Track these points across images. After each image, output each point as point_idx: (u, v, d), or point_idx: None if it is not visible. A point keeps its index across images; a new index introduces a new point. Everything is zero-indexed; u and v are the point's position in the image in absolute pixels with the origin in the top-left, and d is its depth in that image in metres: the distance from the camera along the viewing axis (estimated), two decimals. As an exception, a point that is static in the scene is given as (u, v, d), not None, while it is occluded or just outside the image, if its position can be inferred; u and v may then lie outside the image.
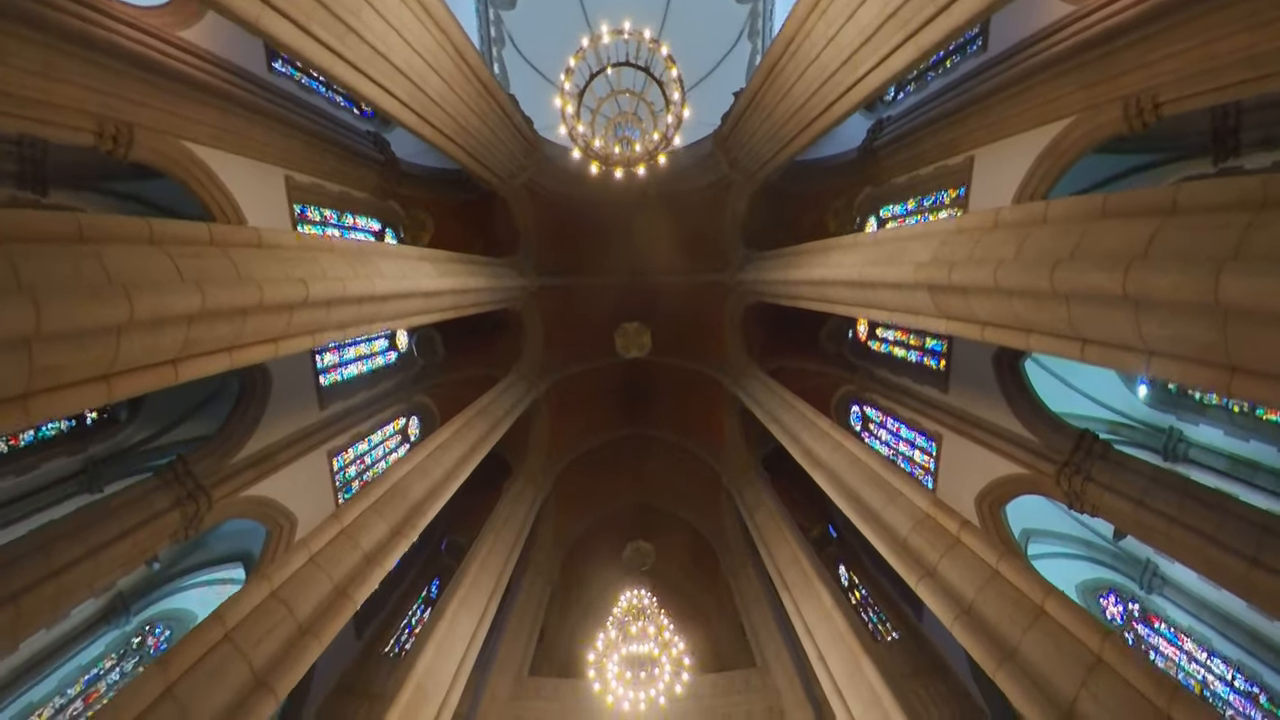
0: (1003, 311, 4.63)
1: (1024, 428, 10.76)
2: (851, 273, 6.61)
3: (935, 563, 5.58)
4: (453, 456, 8.79)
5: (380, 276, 6.37)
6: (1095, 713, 3.92)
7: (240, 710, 4.43)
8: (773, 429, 11.00)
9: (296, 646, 5.04)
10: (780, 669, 11.00)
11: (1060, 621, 4.52)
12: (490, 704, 10.33)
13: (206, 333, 4.57)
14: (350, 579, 5.86)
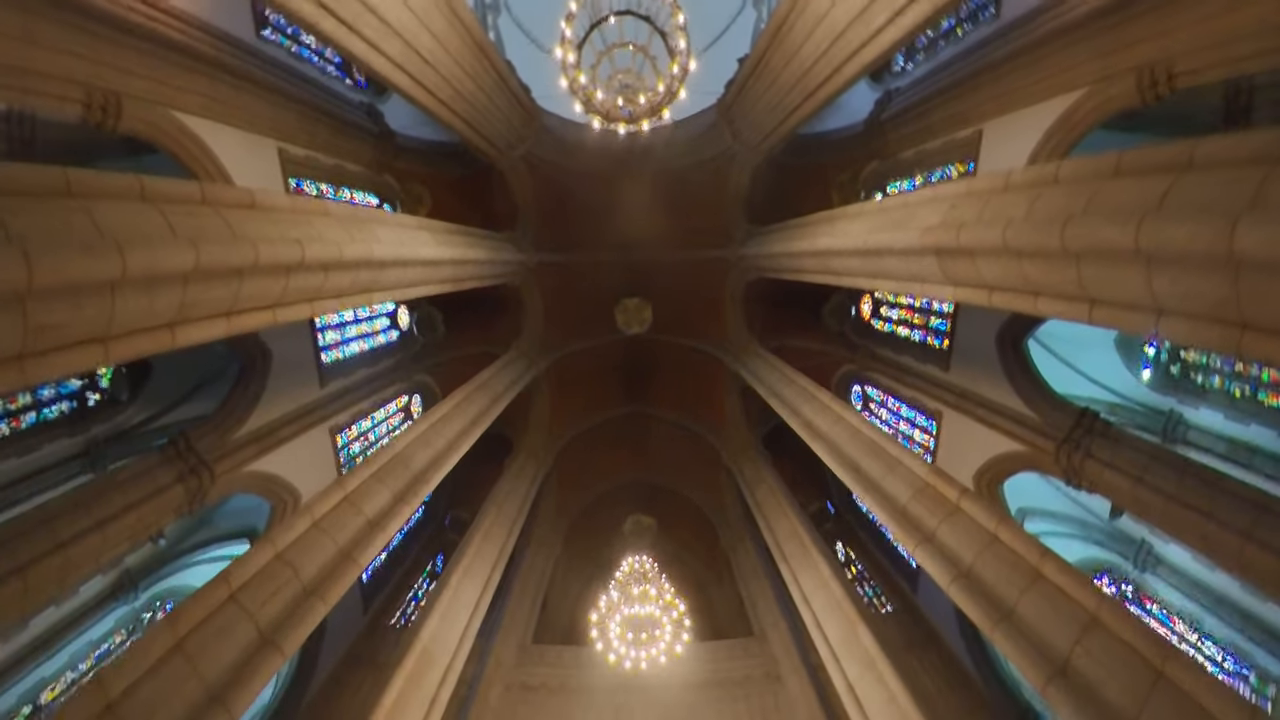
0: (1011, 274, 4.55)
1: (1025, 405, 10.79)
2: (857, 241, 6.50)
3: (934, 528, 5.62)
4: (454, 428, 8.82)
5: (377, 242, 6.28)
6: (1090, 669, 3.97)
7: (248, 666, 4.51)
8: (773, 404, 11.02)
9: (302, 607, 5.11)
10: (777, 637, 11.24)
11: (1057, 584, 4.56)
12: (495, 670, 10.58)
13: (202, 294, 4.50)
14: (354, 543, 5.92)
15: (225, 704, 4.24)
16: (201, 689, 4.24)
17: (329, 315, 13.39)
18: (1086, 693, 3.90)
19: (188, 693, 4.17)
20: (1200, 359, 11.28)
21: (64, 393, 9.90)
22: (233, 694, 4.32)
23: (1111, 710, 3.75)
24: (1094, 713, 3.79)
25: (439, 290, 9.03)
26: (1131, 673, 3.82)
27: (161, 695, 4.10)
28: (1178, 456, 9.34)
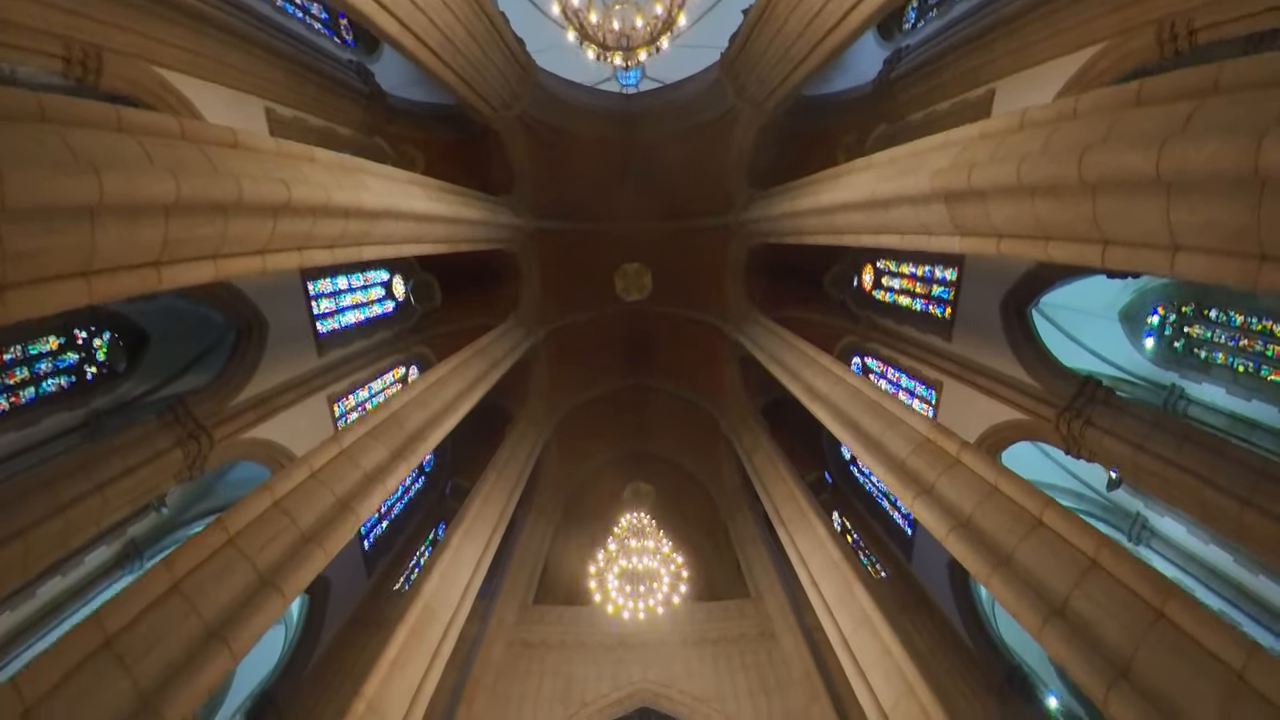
0: (1022, 217, 4.40)
1: (1027, 374, 10.73)
2: (864, 192, 6.31)
3: (933, 481, 5.60)
4: (451, 391, 8.77)
5: (366, 190, 6.10)
6: (1088, 610, 3.98)
7: (248, 606, 4.53)
8: (773, 369, 10.95)
9: (300, 553, 5.12)
10: (773, 599, 11.45)
11: (1057, 530, 4.54)
12: (497, 628, 10.81)
13: (187, 232, 4.36)
14: (352, 494, 5.91)
15: (225, 640, 4.26)
16: (201, 626, 4.26)
17: (324, 284, 13.28)
18: (1083, 632, 3.91)
19: (187, 629, 4.19)
20: (1204, 334, 11.19)
21: (61, 366, 9.85)
22: (233, 631, 4.34)
23: (1108, 648, 3.76)
24: (1090, 651, 3.80)
25: (433, 250, 8.84)
26: (1130, 613, 3.82)
27: (159, 631, 4.11)
28: (1179, 423, 9.31)
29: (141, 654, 3.94)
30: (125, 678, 3.79)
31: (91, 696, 3.68)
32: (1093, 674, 3.69)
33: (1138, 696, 3.45)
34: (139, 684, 3.80)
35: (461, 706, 9.33)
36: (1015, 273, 11.07)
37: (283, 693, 10.69)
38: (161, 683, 3.87)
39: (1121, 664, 3.64)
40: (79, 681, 3.72)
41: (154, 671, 3.89)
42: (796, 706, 9.44)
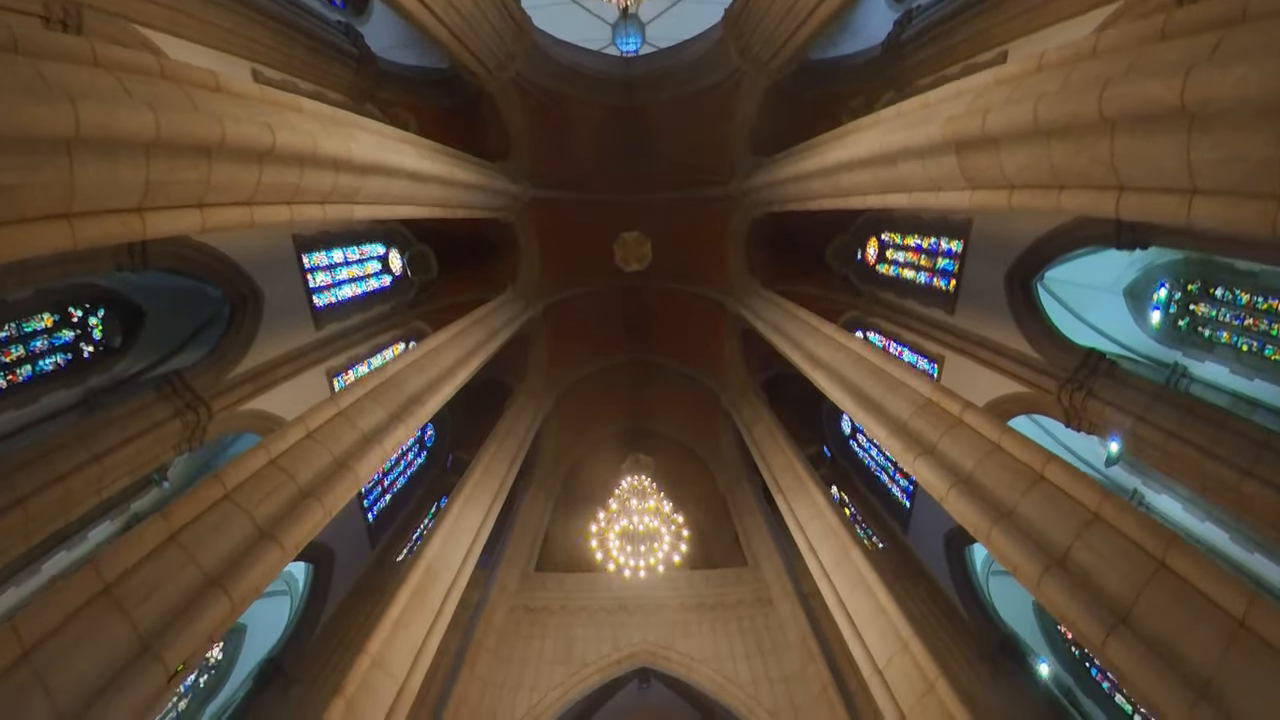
0: (1036, 164, 4.25)
1: (1030, 347, 10.64)
2: (871, 147, 6.11)
3: (935, 441, 5.56)
4: (449, 358, 8.70)
5: (355, 142, 5.91)
6: (1089, 560, 3.96)
7: (247, 556, 4.53)
8: (774, 339, 10.85)
9: (299, 507, 5.11)
10: (770, 568, 11.62)
11: (1059, 485, 4.51)
12: (499, 595, 11.01)
13: (169, 175, 4.21)
14: (349, 454, 5.89)
15: (225, 588, 4.27)
16: (200, 574, 4.26)
17: (319, 257, 13.10)
18: (1084, 581, 3.91)
19: (185, 578, 4.19)
20: (1209, 312, 11.08)
21: (57, 344, 9.76)
22: (232, 580, 4.35)
23: (1108, 597, 3.76)
24: (1090, 599, 3.80)
25: (428, 213, 8.65)
26: (1131, 563, 3.81)
27: (158, 579, 4.11)
28: (1182, 396, 9.26)
29: (140, 600, 3.94)
30: (124, 621, 3.80)
31: (90, 639, 3.70)
32: (1092, 621, 3.70)
33: (1137, 641, 3.46)
34: (138, 628, 3.81)
35: (465, 668, 9.53)
36: (1020, 245, 10.90)
37: (289, 659, 10.92)
38: (161, 627, 3.88)
39: (1121, 611, 3.65)
40: (77, 624, 3.73)
41: (153, 616, 3.90)
42: (792, 668, 9.64)
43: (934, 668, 6.09)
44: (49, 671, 3.48)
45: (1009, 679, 10.51)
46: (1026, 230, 10.88)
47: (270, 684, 10.78)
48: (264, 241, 11.18)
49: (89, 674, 3.55)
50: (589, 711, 10.44)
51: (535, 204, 14.29)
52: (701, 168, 13.84)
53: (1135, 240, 9.56)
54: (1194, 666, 3.25)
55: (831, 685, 8.92)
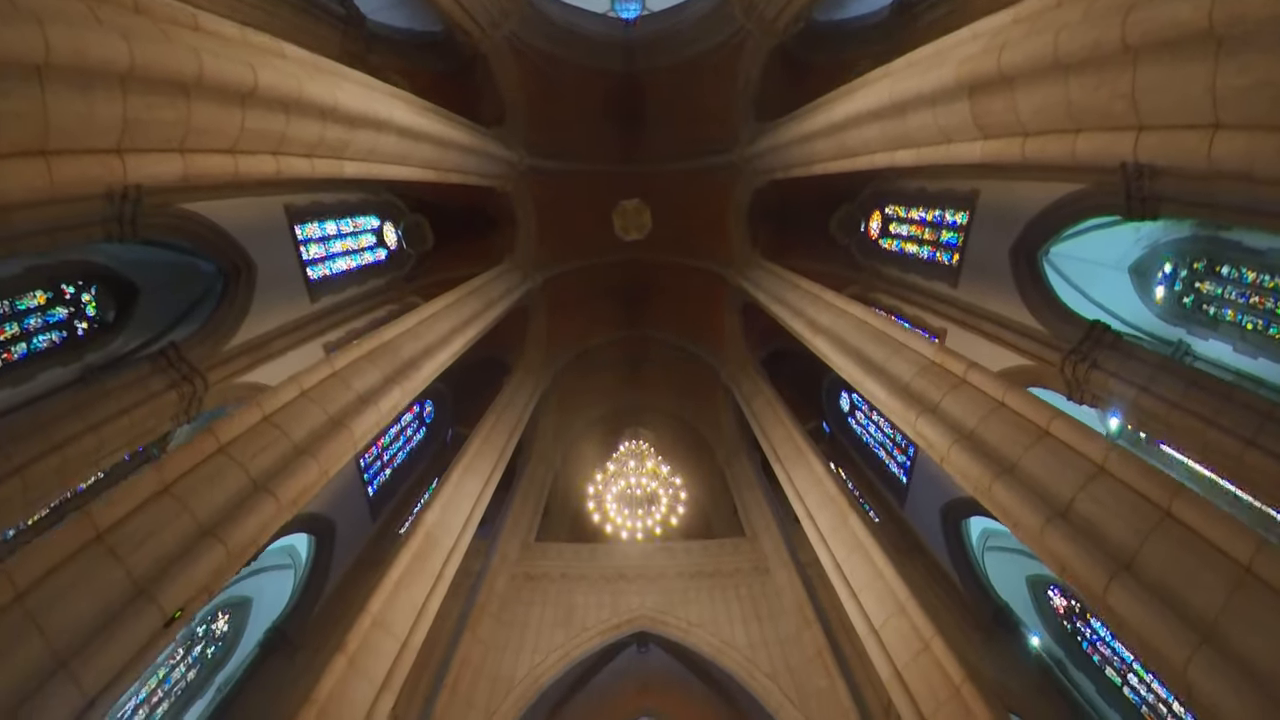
0: (1053, 105, 4.06)
1: (1034, 319, 10.52)
2: (881, 97, 5.88)
3: (937, 400, 5.48)
4: (445, 325, 8.58)
5: (342, 91, 5.68)
6: (1093, 511, 3.92)
7: (242, 508, 4.49)
8: (775, 309, 10.72)
9: (294, 463, 5.06)
10: (768, 539, 11.73)
11: (1064, 440, 4.44)
12: (500, 563, 11.15)
13: (147, 113, 4.03)
14: (345, 413, 5.82)
15: (220, 537, 4.24)
16: (194, 524, 4.23)
17: (311, 229, 12.86)
18: (1086, 532, 3.87)
19: (180, 526, 4.16)
20: (1215, 290, 10.93)
21: (51, 321, 9.61)
22: (227, 530, 4.31)
23: (1111, 545, 3.72)
24: (1092, 548, 3.76)
25: (420, 175, 8.41)
26: (1136, 513, 3.76)
27: (151, 527, 4.08)
28: (1186, 367, 9.17)
29: (134, 547, 3.91)
30: (118, 567, 3.77)
31: (84, 583, 3.67)
32: (1094, 568, 3.67)
33: (1140, 588, 3.43)
34: (132, 574, 3.78)
35: (467, 631, 9.69)
36: (1027, 216, 10.68)
37: (294, 627, 11.10)
38: (156, 574, 3.86)
39: (1124, 559, 3.61)
40: (71, 570, 3.70)
41: (147, 563, 3.88)
42: (788, 632, 9.78)
43: (930, 627, 6.14)
44: (43, 613, 3.46)
45: (1002, 648, 10.69)
46: (1034, 200, 10.65)
47: (276, 651, 10.99)
48: (256, 211, 10.97)
49: (84, 616, 3.53)
50: (589, 674, 10.65)
51: (532, 175, 13.98)
52: (703, 136, 13.49)
53: (1144, 210, 9.35)
54: (1197, 611, 3.23)
55: (827, 649, 9.06)
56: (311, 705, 5.61)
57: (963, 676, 5.68)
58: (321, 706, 5.66)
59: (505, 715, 8.71)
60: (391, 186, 14.23)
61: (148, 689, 11.40)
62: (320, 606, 11.85)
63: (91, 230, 8.42)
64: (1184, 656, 3.13)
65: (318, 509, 11.90)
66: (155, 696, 11.40)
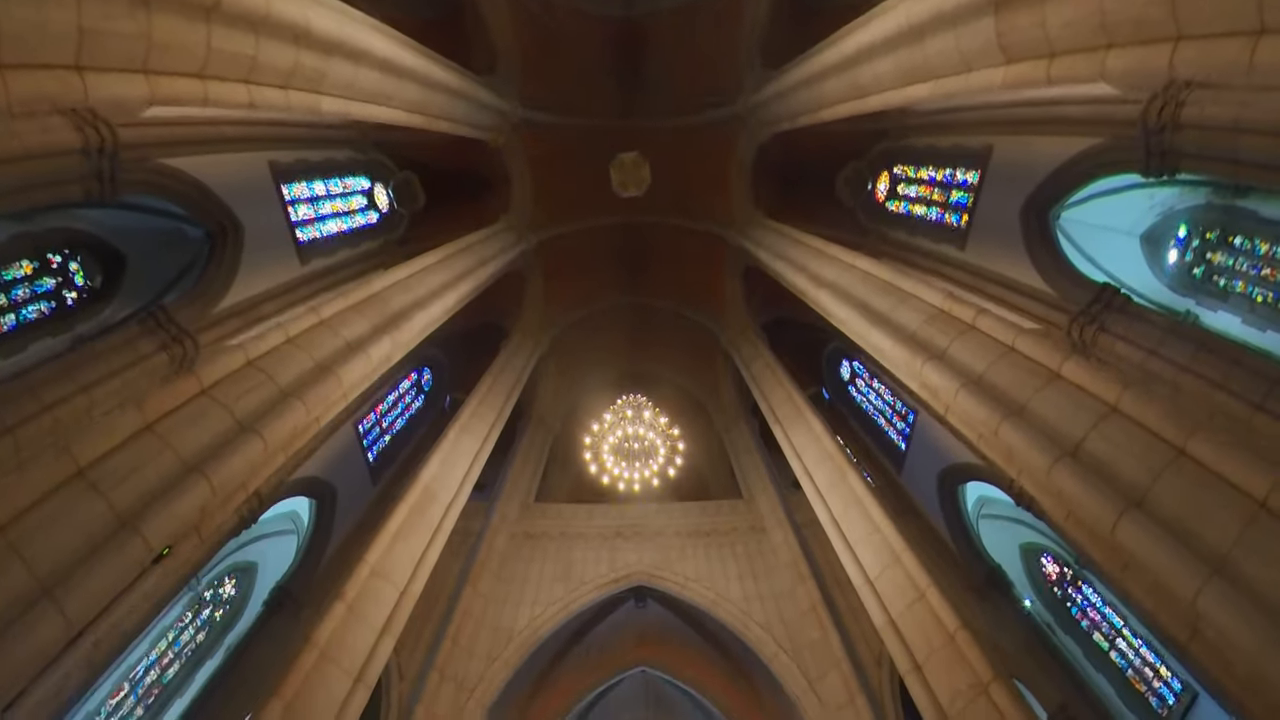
0: (1085, 16, 3.73)
1: (1042, 280, 10.25)
2: (899, 21, 5.45)
3: (945, 347, 5.31)
4: (437, 279, 8.33)
5: (315, 12, 5.27)
6: (1103, 450, 3.80)
7: (227, 448, 4.38)
8: (777, 266, 10.45)
9: (280, 405, 4.93)
10: (765, 500, 11.84)
11: (1076, 382, 4.29)
12: (500, 522, 11.28)
13: (104, 23, 3.70)
14: (333, 359, 5.66)
15: (205, 474, 4.14)
16: (178, 461, 4.12)
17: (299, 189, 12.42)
18: (1096, 470, 3.76)
19: (162, 463, 4.05)
20: (1227, 261, 10.65)
21: (39, 291, 9.29)
22: (213, 467, 4.21)
23: (1122, 483, 3.61)
24: (1102, 485, 3.65)
25: (406, 119, 7.97)
26: (1149, 451, 3.64)
27: (133, 463, 3.97)
28: (1197, 331, 8.97)
29: (116, 482, 3.81)
30: (100, 501, 3.68)
31: (66, 516, 3.58)
32: (1103, 504, 3.57)
33: (1152, 523, 3.34)
34: (115, 507, 3.69)
35: (468, 586, 9.85)
36: (1041, 172, 10.29)
37: (298, 586, 11.28)
38: (139, 508, 3.77)
39: (1135, 496, 3.51)
40: (52, 504, 3.61)
41: (131, 498, 3.78)
42: (782, 587, 9.95)
43: (925, 577, 6.16)
44: (25, 544, 3.38)
45: (993, 609, 10.89)
46: (1048, 156, 10.24)
47: (281, 609, 11.20)
48: (239, 169, 10.58)
49: (67, 547, 3.45)
50: (588, 627, 10.90)
51: (527, 132, 13.40)
52: (706, 87, 12.84)
53: (1163, 166, 8.97)
54: (1210, 545, 3.14)
55: (821, 604, 9.21)
56: (312, 648, 5.66)
57: (957, 624, 5.72)
58: (322, 649, 5.71)
59: (506, 662, 8.93)
60: (380, 144, 13.70)
61: (158, 651, 11.84)
62: (323, 567, 12.02)
63: (69, 188, 8.09)
64: (1194, 588, 3.06)
65: (317, 473, 11.94)
66: (166, 658, 11.83)
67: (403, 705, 8.26)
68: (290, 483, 10.76)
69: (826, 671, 8.42)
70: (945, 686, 5.44)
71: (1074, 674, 10.08)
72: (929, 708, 5.54)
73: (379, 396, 14.52)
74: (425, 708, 8.09)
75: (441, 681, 8.51)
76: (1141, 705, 9.71)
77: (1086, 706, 9.27)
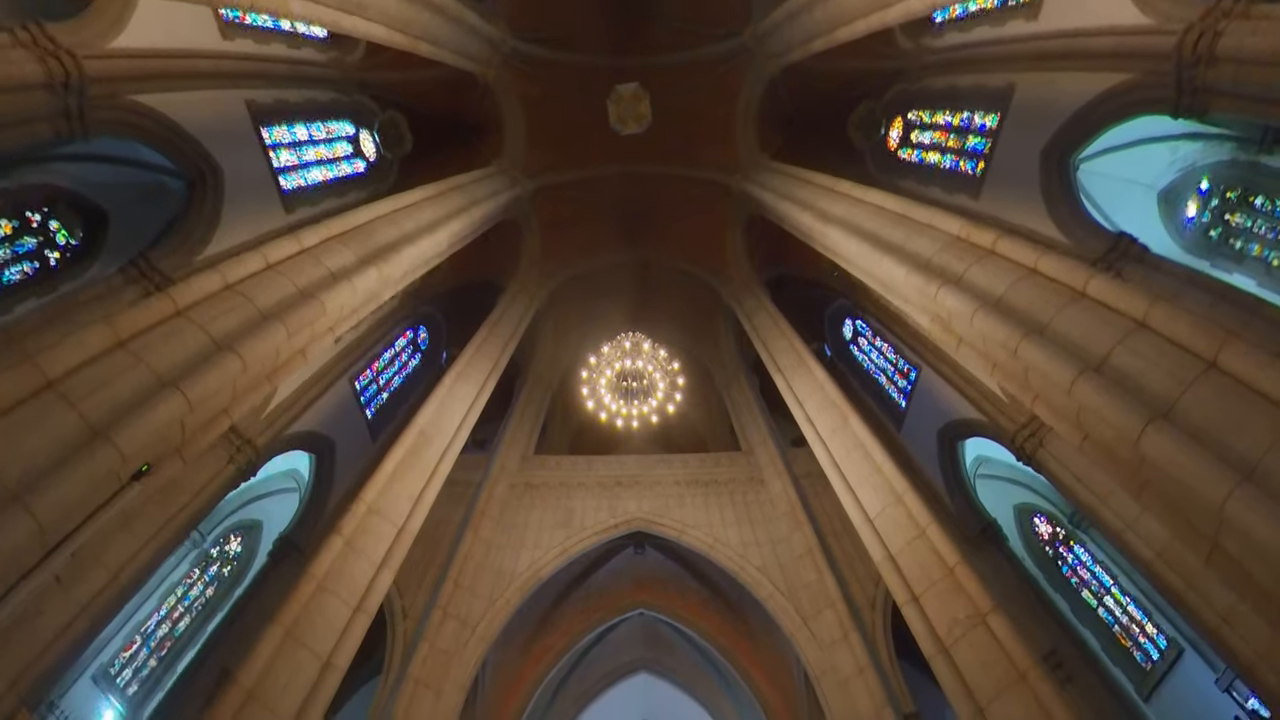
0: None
1: (1058, 230, 9.87)
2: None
3: (961, 272, 5.03)
4: (426, 216, 7.94)
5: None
6: (1130, 364, 3.60)
7: (203, 364, 4.17)
8: (784, 207, 10.03)
9: (260, 327, 4.69)
10: (764, 452, 11.89)
11: (1102, 300, 4.05)
12: (500, 473, 11.36)
13: None
14: (316, 286, 5.38)
15: (179, 388, 3.95)
16: (151, 376, 3.91)
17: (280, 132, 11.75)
18: (1121, 382, 3.57)
19: (136, 377, 3.85)
20: (1245, 222, 10.25)
21: (20, 252, 8.91)
22: (188, 382, 4.01)
23: (1148, 395, 3.43)
24: (1127, 397, 3.47)
25: (385, 36, 7.37)
26: (1179, 364, 3.45)
27: (105, 378, 3.76)
28: (1215, 282, 8.70)
29: (86, 394, 3.61)
30: (71, 411, 3.49)
31: (35, 425, 3.40)
32: (1128, 415, 3.40)
33: (1179, 432, 3.18)
34: (87, 418, 3.51)
35: (469, 532, 9.96)
36: (1065, 113, 9.74)
37: (302, 536, 11.41)
38: (111, 420, 3.59)
39: (1162, 407, 3.34)
40: (20, 413, 3.43)
41: (102, 409, 3.60)
42: (779, 534, 10.07)
43: (926, 515, 6.12)
44: (-8, 451, 3.21)
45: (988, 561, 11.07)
46: (1074, 95, 9.66)
47: (285, 559, 11.37)
48: (215, 109, 9.98)
49: (37, 453, 3.30)
50: (587, 572, 11.13)
51: (519, 68, 12.57)
52: (712, 16, 11.95)
53: (1194, 106, 8.46)
54: (1240, 453, 2.99)
55: (817, 549, 9.32)
56: (310, 579, 5.65)
57: (957, 559, 5.70)
58: (320, 581, 5.70)
59: (508, 602, 9.12)
60: (364, 85, 12.94)
61: (167, 606, 12.16)
62: (325, 519, 12.13)
63: (38, 127, 7.60)
64: (1223, 493, 2.92)
65: (315, 427, 11.90)
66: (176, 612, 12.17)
67: (408, 640, 8.46)
68: (288, 436, 10.70)
69: (821, 610, 8.59)
70: (942, 617, 5.47)
71: (1064, 625, 10.36)
72: (925, 636, 5.59)
73: (375, 353, 14.36)
74: (429, 642, 8.28)
75: (445, 619, 8.69)
76: (1126, 660, 10.03)
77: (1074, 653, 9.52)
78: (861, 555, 8.87)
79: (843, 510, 8.17)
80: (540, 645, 10.67)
